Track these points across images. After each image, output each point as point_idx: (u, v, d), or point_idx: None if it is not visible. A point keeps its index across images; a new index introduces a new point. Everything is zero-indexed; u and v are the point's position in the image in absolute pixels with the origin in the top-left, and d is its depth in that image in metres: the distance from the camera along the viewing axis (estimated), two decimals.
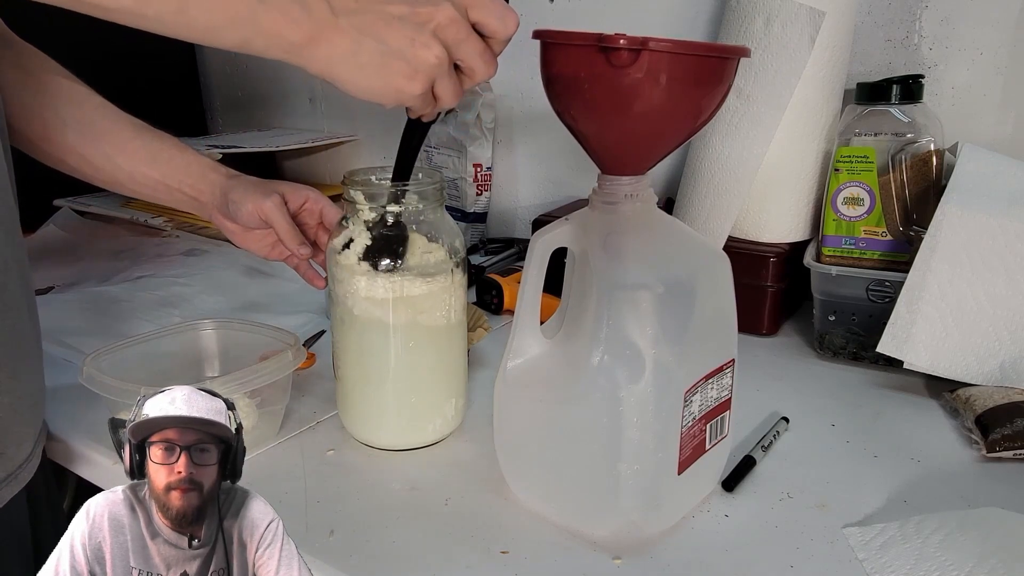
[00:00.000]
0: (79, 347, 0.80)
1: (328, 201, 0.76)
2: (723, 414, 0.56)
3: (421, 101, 0.51)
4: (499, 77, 0.54)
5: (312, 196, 0.75)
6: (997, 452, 0.61)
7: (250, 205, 0.70)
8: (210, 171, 0.73)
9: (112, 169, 0.72)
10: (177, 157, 0.73)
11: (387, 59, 0.47)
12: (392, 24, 0.47)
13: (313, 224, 0.76)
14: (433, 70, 0.49)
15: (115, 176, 0.72)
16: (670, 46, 0.45)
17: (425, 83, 0.49)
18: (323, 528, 0.54)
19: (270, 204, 0.70)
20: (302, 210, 0.74)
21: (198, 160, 0.74)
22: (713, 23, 1.01)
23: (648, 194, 0.52)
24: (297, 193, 0.74)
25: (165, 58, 1.52)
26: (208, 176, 0.73)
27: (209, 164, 0.74)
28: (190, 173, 0.73)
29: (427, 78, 0.49)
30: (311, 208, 0.75)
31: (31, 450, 0.59)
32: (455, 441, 0.66)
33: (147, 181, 0.72)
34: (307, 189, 0.75)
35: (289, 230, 0.70)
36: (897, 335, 0.71)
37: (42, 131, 0.69)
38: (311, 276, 0.76)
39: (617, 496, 0.51)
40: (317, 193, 0.75)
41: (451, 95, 0.51)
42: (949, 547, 0.50)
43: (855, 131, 0.78)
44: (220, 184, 0.72)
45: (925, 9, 0.87)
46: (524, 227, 1.25)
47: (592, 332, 0.50)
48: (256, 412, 0.64)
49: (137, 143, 0.72)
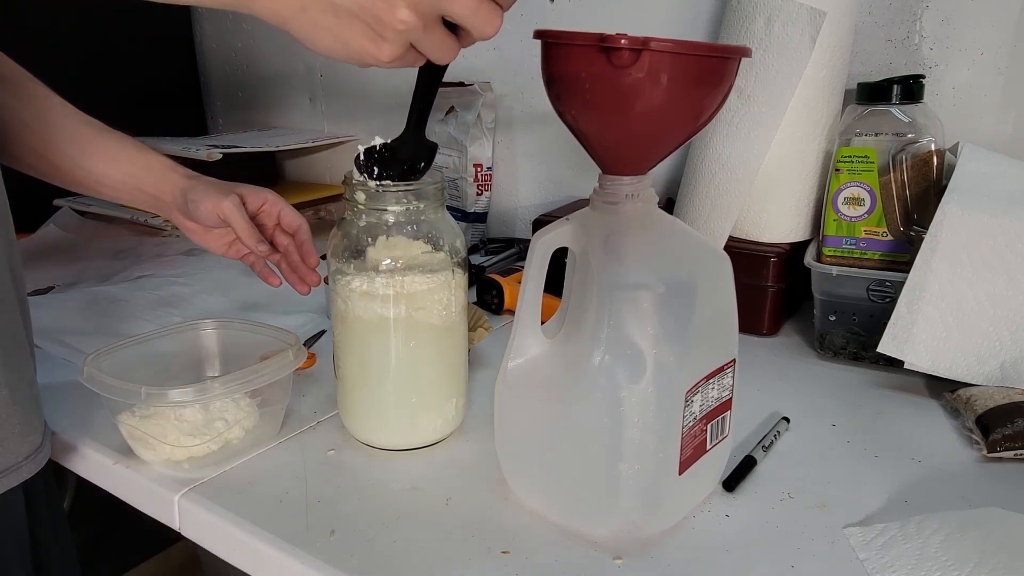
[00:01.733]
0: (79, 347, 0.80)
1: (286, 204, 0.78)
2: (724, 414, 0.56)
3: (402, 62, 0.45)
4: (500, 77, 0.54)
5: (271, 199, 0.77)
6: (998, 452, 0.61)
7: (209, 204, 0.72)
8: (170, 171, 0.75)
9: (72, 169, 0.73)
10: (137, 157, 0.75)
11: (342, 19, 0.42)
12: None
13: (271, 225, 0.78)
14: (403, 35, 0.43)
15: (75, 176, 0.74)
16: (671, 46, 0.45)
17: (397, 48, 0.43)
18: (324, 528, 0.54)
19: (228, 204, 0.72)
20: (260, 211, 0.77)
21: (158, 160, 0.76)
22: (713, 23, 1.01)
23: (649, 194, 0.52)
24: (256, 195, 0.76)
25: (165, 58, 1.52)
26: (168, 176, 0.75)
27: (169, 164, 0.76)
28: (151, 173, 0.75)
29: (398, 42, 0.43)
30: (269, 210, 0.77)
31: (37, 445, 0.59)
32: (456, 441, 0.66)
33: (108, 181, 0.74)
34: (266, 191, 0.77)
35: (247, 228, 0.73)
36: (898, 335, 0.71)
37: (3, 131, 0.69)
38: (266, 274, 0.79)
39: (618, 496, 0.51)
40: (275, 196, 0.78)
41: (441, 52, 0.45)
42: (950, 547, 0.50)
43: (856, 131, 0.78)
44: (180, 184, 0.75)
45: (926, 9, 0.87)
46: (524, 227, 1.25)
47: (593, 332, 0.50)
48: (256, 412, 0.64)
49: (97, 143, 0.73)
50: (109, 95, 0.73)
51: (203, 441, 0.61)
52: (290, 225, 0.78)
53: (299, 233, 0.79)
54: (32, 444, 0.59)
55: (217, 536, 0.56)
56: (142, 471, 0.61)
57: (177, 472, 0.61)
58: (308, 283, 0.79)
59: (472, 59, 1.22)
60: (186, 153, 1.17)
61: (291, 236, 0.79)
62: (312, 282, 0.79)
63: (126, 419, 0.61)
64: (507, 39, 1.18)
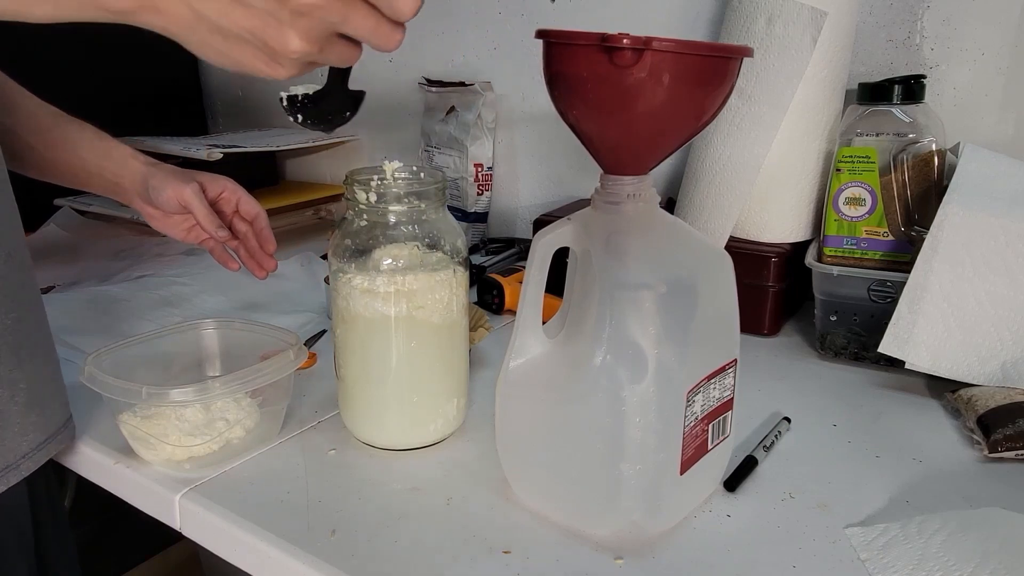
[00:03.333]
0: (80, 346, 0.80)
1: (245, 192, 0.81)
2: (725, 414, 0.56)
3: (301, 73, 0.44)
4: (500, 77, 0.54)
5: (229, 186, 0.80)
6: (999, 452, 0.61)
7: (170, 191, 0.74)
8: (130, 158, 0.77)
9: (33, 157, 0.74)
10: (97, 144, 0.77)
11: (231, 42, 0.40)
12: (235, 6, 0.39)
13: (229, 212, 0.81)
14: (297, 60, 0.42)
15: (36, 163, 0.75)
16: (673, 46, 0.45)
17: (293, 69, 0.42)
18: (325, 528, 0.54)
19: (189, 191, 0.74)
20: (219, 198, 0.80)
21: (118, 147, 0.77)
22: (714, 23, 1.01)
23: (651, 194, 0.52)
24: (215, 183, 0.79)
25: (165, 58, 1.52)
26: (128, 163, 0.77)
27: (129, 152, 0.78)
28: (111, 159, 0.77)
29: (294, 64, 0.42)
30: (228, 197, 0.80)
31: (38, 444, 0.59)
32: (457, 441, 0.66)
33: (68, 168, 0.76)
34: (225, 180, 0.80)
35: (207, 215, 0.75)
36: (899, 335, 0.71)
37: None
38: (225, 259, 0.82)
39: (619, 496, 0.51)
40: (234, 184, 0.81)
41: (344, 59, 0.44)
42: (951, 547, 0.50)
43: (857, 131, 0.78)
44: (140, 171, 0.76)
45: (927, 9, 0.87)
46: (525, 227, 1.25)
47: (594, 332, 0.50)
48: (257, 412, 0.64)
49: (57, 132, 0.75)
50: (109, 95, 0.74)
51: (204, 441, 0.61)
52: (248, 212, 0.82)
53: (257, 220, 0.82)
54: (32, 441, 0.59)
55: (218, 536, 0.56)
56: (143, 471, 0.61)
57: (178, 472, 0.61)
58: (265, 268, 0.83)
59: (473, 59, 1.22)
60: (186, 153, 1.17)
61: (249, 224, 0.82)
62: (269, 267, 0.83)
63: (127, 419, 0.61)
64: (508, 38, 1.19)
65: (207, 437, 0.61)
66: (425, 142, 1.27)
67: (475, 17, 1.21)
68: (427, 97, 1.27)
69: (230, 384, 0.60)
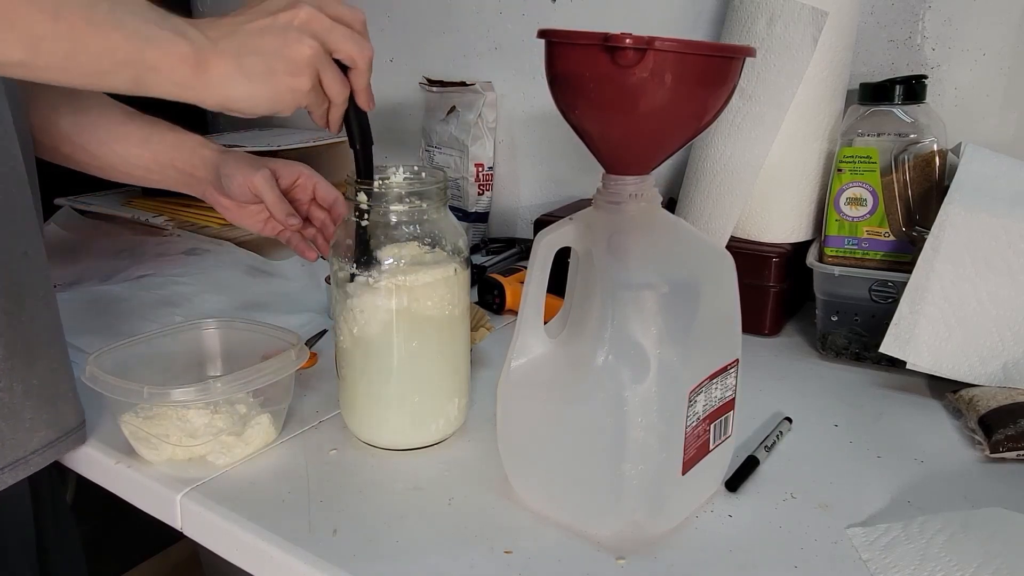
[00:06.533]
0: (81, 346, 0.80)
1: (322, 179, 0.78)
2: (727, 414, 0.56)
3: (314, 96, 0.53)
4: (501, 77, 0.54)
5: (305, 173, 0.77)
6: (1000, 453, 0.61)
7: (240, 177, 0.72)
8: (200, 147, 0.75)
9: (106, 154, 0.73)
10: (168, 135, 0.75)
11: (270, 63, 0.50)
12: (262, 34, 0.50)
13: (306, 200, 0.78)
14: (313, 60, 0.51)
15: (109, 160, 0.74)
16: (676, 45, 0.45)
17: (311, 75, 0.52)
18: (326, 527, 0.54)
19: (260, 177, 0.71)
20: (295, 186, 0.76)
21: (189, 137, 0.76)
22: (715, 23, 1.01)
23: (652, 194, 0.52)
24: (289, 169, 0.76)
25: None
26: (199, 151, 0.75)
27: (199, 140, 0.76)
28: (181, 149, 0.75)
29: (311, 70, 0.52)
30: (304, 184, 0.77)
31: (48, 441, 0.59)
32: (458, 441, 0.66)
33: (139, 162, 0.74)
34: (300, 166, 0.77)
35: (277, 201, 0.72)
36: (900, 336, 0.70)
37: (36, 121, 0.69)
38: (302, 248, 0.78)
39: (621, 496, 0.51)
40: (310, 170, 0.77)
41: (338, 87, 0.54)
42: (953, 548, 0.50)
43: (858, 131, 0.78)
44: (212, 159, 0.74)
45: (928, 9, 0.87)
46: (526, 227, 1.25)
47: (596, 332, 0.50)
48: (259, 411, 0.64)
49: (130, 126, 0.74)
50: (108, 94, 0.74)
51: (205, 441, 0.61)
52: (325, 199, 0.78)
53: (335, 207, 0.78)
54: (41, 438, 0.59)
55: (219, 536, 0.56)
56: (144, 471, 0.61)
57: (179, 472, 0.61)
58: None
59: (474, 59, 1.22)
60: None
61: (327, 211, 0.79)
62: None
63: (129, 419, 0.61)
64: (509, 38, 1.19)
65: (208, 437, 0.61)
66: (426, 142, 1.27)
67: (476, 17, 1.21)
68: (428, 97, 1.27)
69: (231, 384, 0.60)
